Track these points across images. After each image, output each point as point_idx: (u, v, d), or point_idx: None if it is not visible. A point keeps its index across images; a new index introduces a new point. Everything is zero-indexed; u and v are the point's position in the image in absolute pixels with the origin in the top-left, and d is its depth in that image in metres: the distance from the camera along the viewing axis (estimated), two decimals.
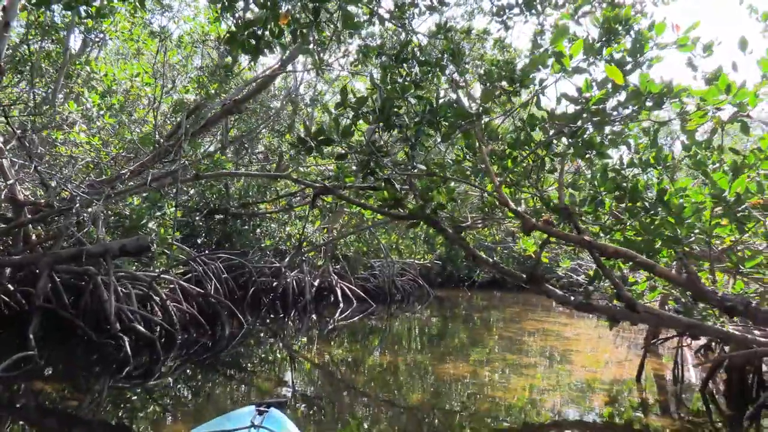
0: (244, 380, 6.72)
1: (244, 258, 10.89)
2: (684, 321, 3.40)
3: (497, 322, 12.76)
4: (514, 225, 6.43)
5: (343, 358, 8.36)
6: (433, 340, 10.05)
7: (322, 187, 6.95)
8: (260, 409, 3.59)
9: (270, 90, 19.93)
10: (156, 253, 7.79)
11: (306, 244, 12.42)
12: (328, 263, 13.14)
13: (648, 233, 3.69)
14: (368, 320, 12.07)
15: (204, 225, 12.50)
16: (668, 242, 3.41)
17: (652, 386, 7.37)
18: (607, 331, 11.55)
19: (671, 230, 3.46)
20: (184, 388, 6.25)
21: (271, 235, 12.97)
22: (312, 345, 9.47)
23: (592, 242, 3.27)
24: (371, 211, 7.87)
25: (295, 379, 7.14)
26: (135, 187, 6.92)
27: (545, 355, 8.96)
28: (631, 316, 3.45)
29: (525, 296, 20.66)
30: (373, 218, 8.41)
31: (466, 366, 7.75)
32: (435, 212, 5.70)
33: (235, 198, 12.71)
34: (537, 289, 5.10)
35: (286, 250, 12.79)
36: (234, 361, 7.63)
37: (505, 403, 6.17)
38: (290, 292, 11.66)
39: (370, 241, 15.42)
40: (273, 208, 13.21)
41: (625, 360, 8.82)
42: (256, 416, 3.49)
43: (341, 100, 4.11)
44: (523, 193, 6.01)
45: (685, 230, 3.46)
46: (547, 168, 5.26)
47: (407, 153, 5.70)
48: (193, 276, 9.37)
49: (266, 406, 3.63)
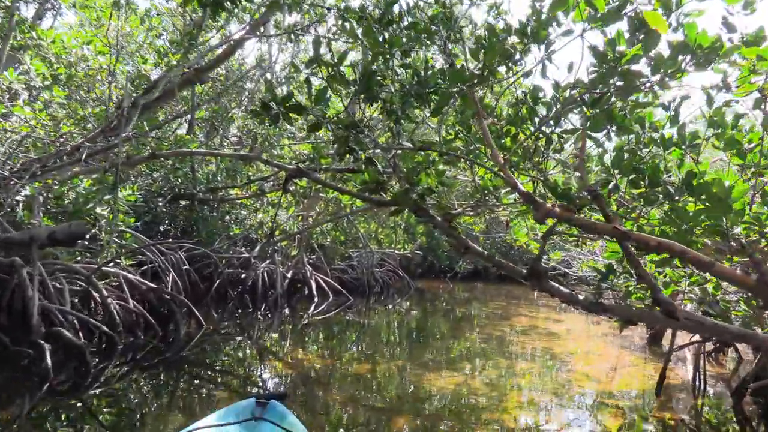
0: (200, 386, 5.96)
1: (210, 248, 10.12)
2: (735, 330, 2.83)
3: (484, 318, 12.07)
4: (510, 212, 5.81)
5: (316, 356, 7.71)
6: (415, 344, 9.14)
7: (294, 169, 6.26)
8: (261, 401, 3.61)
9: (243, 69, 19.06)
10: (105, 242, 6.94)
11: (278, 233, 11.69)
12: (303, 253, 12.41)
13: (682, 223, 3.08)
14: (345, 315, 11.42)
15: (168, 211, 11.69)
16: (710, 233, 2.82)
17: (674, 402, 6.38)
18: (599, 327, 11.11)
19: (716, 219, 2.87)
20: (118, 404, 5.28)
21: (241, 222, 12.21)
22: (284, 342, 8.80)
23: (628, 233, 2.67)
24: (350, 197, 7.20)
25: (264, 380, 6.47)
26: (68, 164, 6.08)
27: (541, 359, 8.19)
28: (668, 323, 2.87)
29: (507, 288, 20.26)
30: (351, 205, 7.73)
31: (453, 377, 6.75)
32: (422, 197, 5.08)
33: (202, 182, 11.93)
34: (538, 285, 4.50)
35: (257, 239, 12.05)
36: (191, 365, 6.81)
37: (501, 425, 5.29)
38: (260, 285, 10.90)
39: (348, 229, 14.73)
40: (244, 193, 12.45)
41: (631, 365, 8.14)
42: (257, 408, 3.53)
43: (314, 56, 3.41)
44: (521, 176, 5.42)
45: (733, 220, 2.87)
46: (553, 147, 4.65)
47: (391, 128, 5.05)
48: (149, 268, 8.55)
49: (266, 399, 3.65)
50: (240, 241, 11.73)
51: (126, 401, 5.30)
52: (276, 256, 11.30)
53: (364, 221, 16.27)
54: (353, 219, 13.78)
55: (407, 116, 4.91)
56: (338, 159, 4.99)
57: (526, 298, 17.53)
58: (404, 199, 5.14)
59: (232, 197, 12.41)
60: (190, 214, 11.62)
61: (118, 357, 6.41)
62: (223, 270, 10.46)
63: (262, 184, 11.90)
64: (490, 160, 4.61)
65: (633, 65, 3.10)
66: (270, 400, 3.67)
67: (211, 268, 10.38)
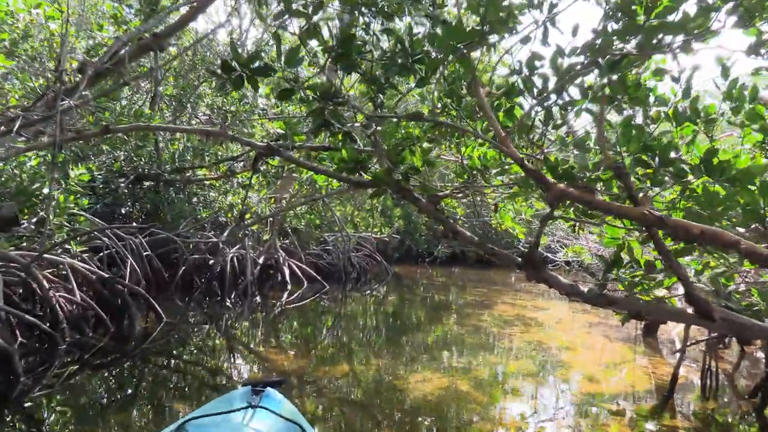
0: (156, 387, 5.46)
1: (174, 232, 9.53)
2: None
3: (465, 307, 11.57)
4: (501, 195, 5.42)
5: (290, 346, 7.28)
6: (394, 337, 8.48)
7: (265, 146, 5.77)
8: (257, 389, 3.55)
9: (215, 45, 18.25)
10: (51, 227, 6.30)
11: (249, 216, 11.14)
12: (275, 238, 11.89)
13: (709, 206, 2.70)
14: (320, 302, 10.98)
15: (131, 193, 11.04)
16: (747, 217, 2.45)
17: (684, 405, 5.75)
18: (586, 316, 10.76)
19: (752, 203, 2.49)
20: (52, 414, 4.61)
21: (210, 205, 11.61)
22: (255, 332, 8.35)
23: (664, 219, 2.27)
24: (325, 178, 6.72)
25: (234, 372, 6.01)
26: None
27: (532, 355, 7.50)
28: (700, 323, 2.50)
29: (486, 273, 20.06)
30: (327, 186, 7.26)
31: (438, 378, 6.08)
32: (406, 178, 4.65)
33: (168, 162, 11.29)
34: (535, 275, 4.13)
35: (227, 222, 11.48)
36: (147, 363, 6.17)
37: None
38: (229, 272, 10.35)
39: (323, 213, 14.24)
40: (212, 174, 11.85)
41: (628, 360, 7.56)
42: (253, 396, 3.47)
43: (285, 5, 2.89)
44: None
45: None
46: (553, 122, 4.25)
47: (373, 100, 4.59)
48: (105, 256, 7.90)
49: (263, 386, 3.59)
50: (208, 225, 11.14)
51: (60, 412, 4.71)
52: (246, 240, 10.75)
53: (339, 204, 15.78)
54: (329, 201, 13.28)
55: (391, 85, 4.45)
56: (313, 135, 4.50)
57: (505, 283, 17.32)
58: (386, 179, 4.71)
59: (200, 178, 11.81)
60: (155, 197, 10.98)
61: (61, 358, 5.75)
62: (189, 256, 9.86)
63: (232, 164, 11.32)
64: (482, 136, 4.18)
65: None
66: (266, 388, 3.60)
67: (177, 254, 9.79)
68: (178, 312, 8.58)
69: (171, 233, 9.46)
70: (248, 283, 10.15)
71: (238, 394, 3.59)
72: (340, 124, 4.41)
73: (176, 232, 9.61)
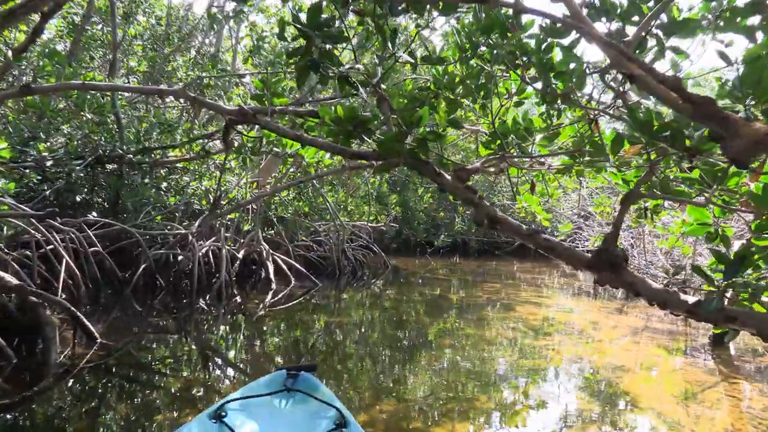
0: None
1: (132, 223, 8.34)
2: None
3: (484, 310, 9.98)
4: (550, 167, 4.27)
5: (266, 359, 6.14)
6: (405, 355, 6.78)
7: (236, 111, 4.63)
8: (291, 373, 3.68)
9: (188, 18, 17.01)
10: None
11: (226, 202, 9.96)
12: (258, 228, 10.70)
13: None
14: (310, 303, 9.84)
15: (89, 178, 9.85)
16: None
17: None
18: (624, 318, 9.54)
19: None
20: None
21: (182, 191, 10.42)
22: (229, 340, 7.22)
23: None
24: (315, 152, 5.57)
25: (211, 388, 4.86)
26: None
27: (585, 383, 5.89)
28: None
29: (491, 264, 19.08)
30: (317, 164, 6.10)
31: (476, 416, 4.71)
32: (424, 145, 3.54)
33: (133, 142, 10.09)
34: (613, 279, 3.06)
35: (204, 211, 10.30)
36: (70, 402, 4.58)
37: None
38: (204, 269, 9.15)
39: (313, 199, 13.07)
40: (186, 155, 10.65)
41: (711, 388, 5.86)
42: (288, 380, 3.63)
43: None
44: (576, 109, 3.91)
45: None
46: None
47: (382, 30, 3.44)
48: (36, 254, 6.52)
49: (297, 370, 3.71)
50: (180, 215, 9.95)
51: None
52: (222, 232, 9.54)
53: (332, 189, 14.62)
54: (319, 186, 12.11)
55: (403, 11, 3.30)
56: (296, 83, 3.34)
57: (511, 275, 16.29)
58: (396, 147, 3.58)
59: (170, 160, 10.62)
60: (116, 182, 9.78)
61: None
62: (151, 252, 8.60)
63: (206, 143, 10.13)
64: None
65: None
66: (300, 372, 3.72)
67: (140, 250, 8.56)
68: (130, 323, 7.32)
69: (129, 224, 8.25)
70: (222, 282, 8.88)
71: (273, 378, 3.68)
72: (333, 65, 3.26)
73: (134, 223, 8.40)
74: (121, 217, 9.44)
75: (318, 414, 3.29)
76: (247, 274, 10.89)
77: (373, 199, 17.17)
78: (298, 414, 3.33)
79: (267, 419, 3.28)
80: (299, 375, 3.66)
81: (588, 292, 13.16)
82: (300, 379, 3.63)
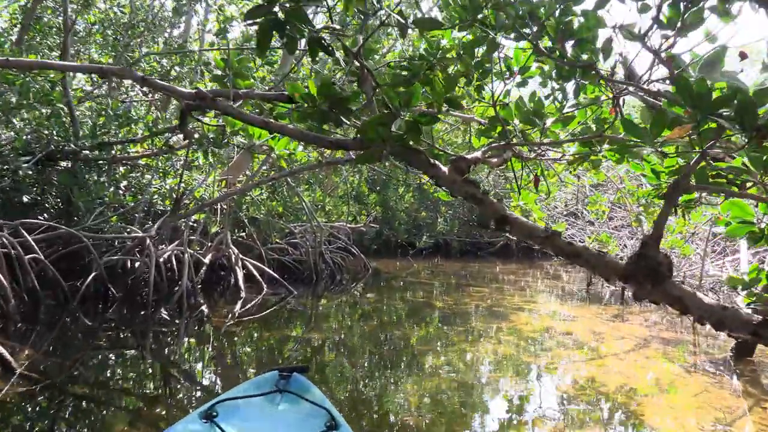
0: None
1: (80, 226, 7.59)
2: None
3: (476, 318, 9.26)
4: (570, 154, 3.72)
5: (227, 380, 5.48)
6: (392, 372, 6.05)
7: (193, 94, 3.99)
8: (283, 374, 3.72)
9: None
10: None
11: (191, 202, 9.26)
12: (227, 230, 9.99)
13: None
14: (284, 311, 9.17)
15: (39, 177, 9.08)
16: None
17: None
18: (628, 327, 8.93)
19: None
20: None
21: (144, 190, 9.68)
22: (196, 351, 6.56)
23: None
24: (287, 142, 4.94)
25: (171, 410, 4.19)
26: None
27: (600, 409, 5.24)
28: None
29: (471, 264, 18.55)
30: (290, 157, 5.45)
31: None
32: (415, 130, 2.97)
33: (88, 136, 9.34)
34: (655, 292, 2.56)
35: (167, 212, 9.57)
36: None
37: None
38: (165, 276, 8.39)
39: (288, 198, 12.39)
40: (149, 151, 9.92)
41: (744, 416, 5.18)
42: (280, 381, 3.66)
43: None
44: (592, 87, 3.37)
45: None
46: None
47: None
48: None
49: (288, 372, 3.75)
50: (140, 217, 9.19)
51: None
52: (186, 234, 8.80)
53: (308, 188, 13.96)
54: (295, 184, 11.44)
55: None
56: (258, 49, 2.73)
57: (499, 278, 15.81)
58: (381, 132, 3.01)
59: (130, 156, 9.87)
60: (70, 181, 9.02)
61: None
62: (101, 260, 7.75)
63: (170, 137, 9.42)
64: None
65: None
66: (293, 373, 3.76)
67: (92, 256, 7.75)
68: (73, 340, 6.53)
69: (78, 227, 7.49)
70: (184, 290, 8.08)
71: (264, 379, 3.71)
72: (303, 26, 2.64)
73: (84, 225, 7.64)
74: (76, 220, 8.69)
75: (309, 415, 3.34)
76: (215, 281, 10.14)
77: (352, 198, 16.55)
78: (289, 415, 3.40)
79: (258, 420, 3.32)
80: (291, 376, 3.71)
81: (578, 296, 12.69)
82: (292, 381, 3.69)
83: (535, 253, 24.16)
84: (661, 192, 3.19)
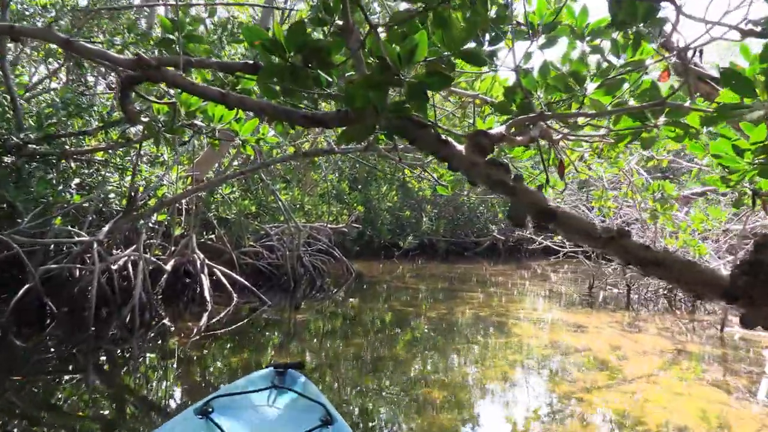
0: None
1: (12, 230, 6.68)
2: None
3: (473, 332, 8.31)
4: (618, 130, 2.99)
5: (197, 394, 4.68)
6: (382, 415, 4.98)
7: (134, 62, 3.19)
8: (279, 370, 3.77)
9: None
10: None
11: (153, 200, 8.39)
12: (193, 233, 9.12)
13: None
14: (256, 325, 8.32)
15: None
16: None
17: None
18: (650, 339, 8.18)
19: None
20: None
21: (98, 188, 8.79)
22: (155, 373, 5.74)
23: None
24: (255, 125, 4.15)
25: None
26: None
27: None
28: None
29: (457, 266, 17.95)
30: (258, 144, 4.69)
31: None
32: (420, 95, 2.25)
33: (34, 128, 8.48)
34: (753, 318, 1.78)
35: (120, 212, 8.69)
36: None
37: None
38: (116, 286, 7.43)
39: (263, 197, 11.57)
40: (103, 144, 9.04)
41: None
42: (276, 377, 3.72)
43: None
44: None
45: None
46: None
47: None
48: None
49: (284, 368, 3.80)
50: (92, 219, 8.28)
51: None
52: (142, 238, 7.90)
53: (286, 186, 13.13)
54: (270, 181, 10.60)
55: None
56: None
57: (489, 281, 15.16)
58: (373, 98, 2.24)
59: (85, 149, 8.99)
60: (12, 178, 8.12)
61: None
62: (36, 271, 6.72)
63: (127, 127, 8.58)
64: None
65: None
66: (288, 369, 3.79)
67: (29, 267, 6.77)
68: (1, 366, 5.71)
69: (9, 232, 6.57)
70: (136, 302, 7.07)
71: (261, 375, 3.78)
72: None
73: (17, 229, 6.72)
74: (19, 222, 7.79)
75: (305, 411, 3.39)
76: (180, 290, 9.22)
77: (332, 197, 15.77)
78: (284, 410, 3.44)
79: (254, 415, 3.36)
80: (287, 372, 3.77)
81: (579, 300, 12.05)
82: (287, 377, 3.75)
83: (522, 252, 23.66)
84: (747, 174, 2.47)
